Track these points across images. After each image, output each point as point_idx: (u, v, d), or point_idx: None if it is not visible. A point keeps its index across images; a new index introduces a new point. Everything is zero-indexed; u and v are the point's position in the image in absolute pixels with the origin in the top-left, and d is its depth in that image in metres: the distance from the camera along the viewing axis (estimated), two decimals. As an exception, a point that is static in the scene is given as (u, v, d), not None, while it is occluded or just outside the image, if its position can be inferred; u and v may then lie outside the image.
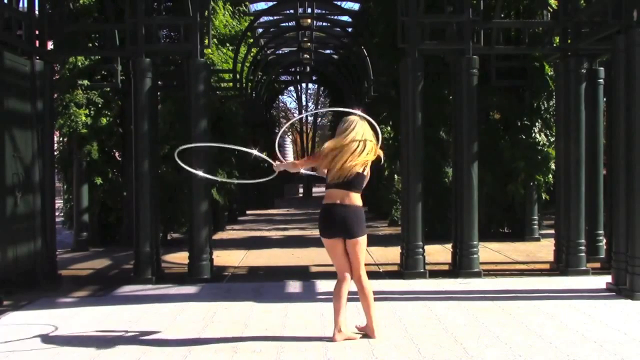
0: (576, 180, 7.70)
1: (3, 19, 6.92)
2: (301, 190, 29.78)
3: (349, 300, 4.89)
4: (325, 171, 4.80)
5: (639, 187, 6.28)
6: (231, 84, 12.59)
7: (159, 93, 8.92)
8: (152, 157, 7.64)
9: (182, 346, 4.71)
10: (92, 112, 10.62)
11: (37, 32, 7.63)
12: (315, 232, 13.47)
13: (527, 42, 8.85)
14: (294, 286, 7.15)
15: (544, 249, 9.84)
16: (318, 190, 32.68)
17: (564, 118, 7.86)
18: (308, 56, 18.62)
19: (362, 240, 4.76)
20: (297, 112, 37.61)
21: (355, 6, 17.22)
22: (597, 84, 8.59)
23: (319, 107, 36.28)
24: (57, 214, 8.49)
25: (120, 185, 11.23)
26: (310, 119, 37.68)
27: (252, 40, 14.87)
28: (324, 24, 15.63)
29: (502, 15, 9.96)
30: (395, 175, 14.02)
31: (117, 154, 11.56)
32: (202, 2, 7.83)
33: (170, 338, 4.96)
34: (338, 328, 4.74)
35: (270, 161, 5.08)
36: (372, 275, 8.00)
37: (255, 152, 5.17)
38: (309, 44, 17.00)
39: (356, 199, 4.75)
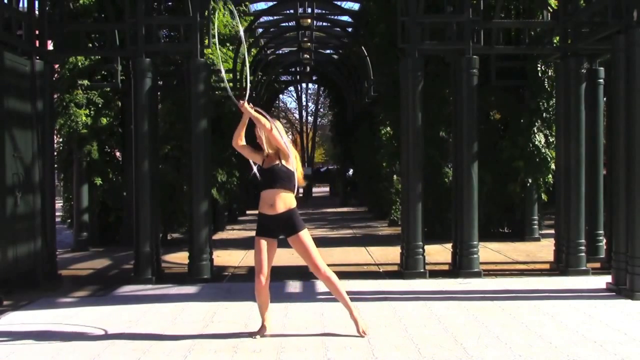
0: (576, 180, 7.71)
1: (3, 19, 6.92)
2: (301, 190, 29.80)
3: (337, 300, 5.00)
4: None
5: (639, 187, 6.28)
6: (231, 84, 12.59)
7: (159, 93, 8.92)
8: (152, 157, 7.64)
9: (182, 346, 4.71)
10: (92, 112, 10.63)
11: (37, 32, 7.63)
12: (315, 232, 13.43)
13: (527, 42, 8.86)
14: (294, 286, 7.15)
15: (544, 249, 9.84)
16: (318, 190, 32.70)
17: (564, 118, 7.86)
18: (308, 56, 18.65)
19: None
20: (297, 112, 37.65)
21: (355, 6, 17.22)
22: (597, 84, 8.59)
23: (320, 107, 36.26)
24: (57, 214, 8.48)
25: (120, 185, 11.23)
26: (310, 118, 37.71)
27: (252, 40, 14.88)
28: (324, 24, 15.64)
29: (502, 15, 9.96)
30: (395, 176, 14.03)
31: (117, 154, 11.57)
32: (202, 2, 7.83)
33: (170, 338, 4.96)
34: None
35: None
36: (372, 275, 8.07)
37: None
38: (309, 44, 17.03)
39: None
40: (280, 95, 31.62)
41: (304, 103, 36.66)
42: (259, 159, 4.99)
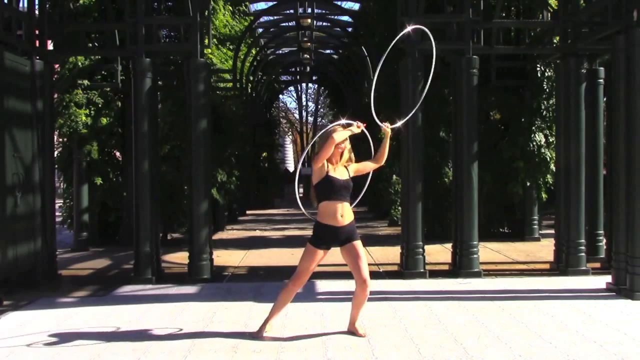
0: (576, 180, 7.71)
1: (3, 19, 6.92)
2: (301, 190, 29.77)
3: (343, 300, 4.92)
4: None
5: (639, 187, 6.28)
6: (231, 84, 12.59)
7: (159, 93, 8.92)
8: (152, 157, 7.64)
9: (182, 346, 4.71)
10: (92, 112, 10.63)
11: (37, 32, 7.64)
12: (315, 232, 13.16)
13: (527, 42, 8.86)
14: (294, 286, 7.15)
15: (544, 249, 9.84)
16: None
17: (564, 118, 7.86)
18: (308, 56, 18.66)
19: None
20: (297, 112, 37.63)
21: (355, 6, 17.25)
22: (597, 84, 8.59)
23: (320, 107, 36.31)
24: (57, 214, 8.48)
25: (120, 185, 11.23)
26: (310, 118, 37.74)
27: (252, 40, 14.88)
28: (324, 24, 15.65)
29: (502, 15, 9.96)
30: (395, 176, 14.03)
31: (117, 154, 11.57)
32: (202, 2, 7.83)
33: (170, 338, 4.96)
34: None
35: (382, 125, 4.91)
36: (372, 275, 8.01)
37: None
38: (309, 44, 17.03)
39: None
40: (280, 95, 31.61)
41: (304, 103, 36.65)
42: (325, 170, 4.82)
